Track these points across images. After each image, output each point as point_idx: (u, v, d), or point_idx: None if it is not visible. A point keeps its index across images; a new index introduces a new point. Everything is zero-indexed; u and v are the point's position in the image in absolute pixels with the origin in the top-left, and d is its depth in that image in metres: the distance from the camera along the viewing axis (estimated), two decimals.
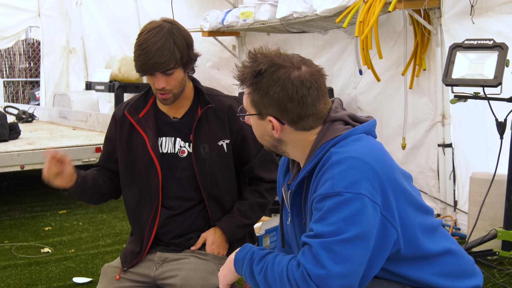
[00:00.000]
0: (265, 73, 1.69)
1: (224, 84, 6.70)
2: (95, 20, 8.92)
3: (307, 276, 1.56)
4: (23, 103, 11.49)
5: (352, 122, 1.76)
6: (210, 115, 2.41)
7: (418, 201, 1.75)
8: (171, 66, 2.24)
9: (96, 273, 3.80)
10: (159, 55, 2.21)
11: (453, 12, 4.21)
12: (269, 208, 4.86)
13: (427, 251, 1.73)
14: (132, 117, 2.42)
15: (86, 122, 6.60)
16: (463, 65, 3.38)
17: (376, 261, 1.63)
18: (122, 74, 7.88)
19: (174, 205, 2.42)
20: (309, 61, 1.75)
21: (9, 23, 8.98)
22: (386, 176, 1.65)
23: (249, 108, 1.77)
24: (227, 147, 2.42)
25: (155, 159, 2.38)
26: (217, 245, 2.41)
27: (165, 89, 2.30)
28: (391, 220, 1.64)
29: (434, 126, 4.59)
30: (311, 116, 1.72)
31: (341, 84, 5.45)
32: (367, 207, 1.58)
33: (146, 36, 2.24)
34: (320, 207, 1.61)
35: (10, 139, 5.54)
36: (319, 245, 1.56)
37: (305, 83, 1.68)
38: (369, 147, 1.68)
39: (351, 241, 1.55)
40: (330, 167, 1.63)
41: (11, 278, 3.79)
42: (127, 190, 2.49)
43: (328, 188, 1.60)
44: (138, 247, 2.45)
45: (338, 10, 4.50)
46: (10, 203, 5.77)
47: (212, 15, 5.92)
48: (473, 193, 3.86)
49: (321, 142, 1.71)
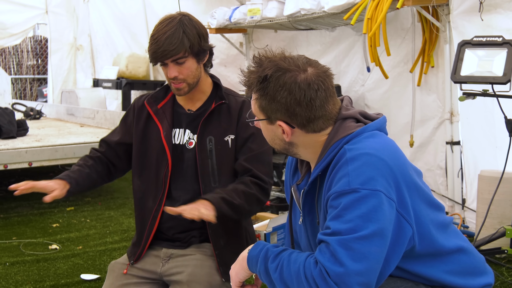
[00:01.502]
0: (271, 78, 1.69)
1: (231, 81, 6.69)
2: (103, 17, 8.94)
3: (326, 274, 1.54)
4: (31, 100, 11.53)
5: (363, 119, 1.75)
6: (223, 111, 2.43)
7: (430, 198, 1.75)
8: (180, 54, 2.30)
9: (103, 270, 3.81)
10: (168, 44, 2.28)
11: (461, 9, 4.19)
12: (276, 206, 4.88)
13: (440, 248, 1.72)
14: (150, 107, 2.48)
15: (93, 119, 6.62)
16: (471, 62, 3.36)
17: (392, 258, 1.62)
18: (129, 71, 7.90)
19: (177, 197, 2.42)
20: (315, 62, 1.73)
21: (17, 20, 9.01)
22: (400, 172, 1.64)
23: (258, 113, 1.77)
24: (231, 142, 2.42)
25: (167, 149, 2.41)
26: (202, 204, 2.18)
27: (178, 78, 2.35)
28: (407, 217, 1.63)
29: (442, 124, 4.57)
30: (320, 118, 1.71)
31: (349, 82, 5.43)
32: (383, 204, 1.57)
33: (158, 27, 2.33)
34: (336, 205, 1.60)
35: (18, 136, 5.57)
36: (337, 242, 1.55)
37: (312, 85, 1.67)
38: (383, 143, 1.67)
39: (369, 238, 1.54)
40: (345, 164, 1.61)
41: (19, 274, 3.80)
42: (137, 178, 2.51)
43: (344, 185, 1.59)
44: (139, 237, 2.47)
45: (346, 7, 4.49)
46: (18, 200, 5.79)
47: (219, 12, 5.92)
48: (482, 191, 3.84)
49: (334, 140, 1.70)
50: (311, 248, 1.85)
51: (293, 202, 1.91)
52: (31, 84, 12.26)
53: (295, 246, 1.98)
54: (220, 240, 2.40)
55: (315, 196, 1.77)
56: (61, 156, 5.17)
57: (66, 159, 5.24)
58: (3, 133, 5.43)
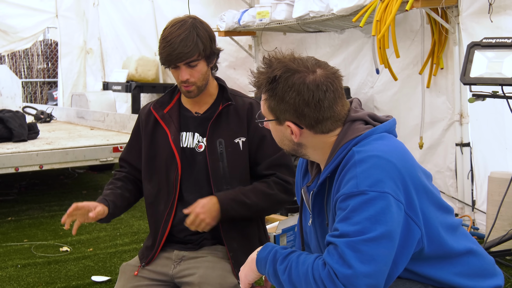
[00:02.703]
0: (280, 79, 1.70)
1: (240, 84, 6.71)
2: (112, 21, 8.98)
3: (334, 276, 1.55)
4: (41, 103, 11.60)
5: (372, 121, 1.75)
6: (230, 113, 2.44)
7: (439, 200, 1.74)
8: (194, 57, 2.32)
9: (114, 272, 3.83)
10: (183, 46, 2.29)
11: (471, 11, 4.18)
12: (286, 208, 4.88)
13: (450, 250, 1.72)
14: (157, 112, 2.49)
15: (103, 122, 6.65)
16: (481, 63, 3.35)
17: (400, 261, 1.63)
18: (139, 74, 7.93)
19: (189, 200, 2.43)
20: (324, 63, 1.74)
21: (27, 24, 9.07)
22: (409, 174, 1.64)
23: (267, 114, 1.78)
24: (243, 145, 2.43)
25: (176, 153, 2.42)
26: (206, 209, 2.31)
27: (189, 81, 2.36)
28: (415, 219, 1.63)
29: (451, 125, 4.56)
30: (329, 119, 1.71)
31: (358, 84, 5.43)
32: (391, 206, 1.57)
33: (171, 30, 2.33)
34: (345, 207, 1.60)
35: (29, 139, 5.60)
36: (345, 244, 1.55)
37: (320, 86, 1.68)
38: (392, 146, 1.68)
39: (377, 240, 1.55)
40: (353, 166, 1.62)
41: (30, 276, 3.83)
42: (147, 183, 2.52)
43: (352, 187, 1.60)
44: (153, 241, 2.48)
45: (355, 9, 4.49)
46: (29, 202, 5.83)
47: (229, 15, 5.94)
48: (492, 192, 3.83)
49: (342, 142, 1.70)
50: (321, 250, 1.86)
51: (303, 203, 1.92)
52: (41, 87, 12.34)
53: (305, 248, 1.99)
54: (233, 243, 2.41)
55: (324, 198, 1.78)
56: (72, 159, 5.21)
57: (77, 161, 5.28)
58: (15, 136, 5.47)
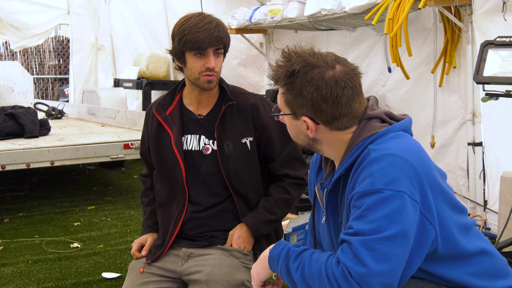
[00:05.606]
0: (298, 73, 1.68)
1: (251, 82, 6.70)
2: (123, 18, 9.00)
3: (348, 274, 1.54)
4: (53, 99, 11.67)
5: (388, 120, 1.74)
6: (234, 112, 2.43)
7: (454, 200, 1.73)
8: (226, 44, 2.35)
9: (124, 269, 3.84)
10: (219, 31, 2.30)
11: (484, 9, 4.14)
12: (296, 206, 4.87)
13: (463, 250, 1.71)
14: (159, 115, 2.48)
15: (114, 119, 6.67)
16: (495, 62, 3.32)
17: (414, 260, 1.62)
18: (150, 72, 7.94)
19: (200, 201, 2.45)
20: (344, 59, 1.73)
21: (39, 21, 9.11)
22: (425, 174, 1.63)
23: (283, 108, 1.76)
24: (250, 144, 2.43)
25: (178, 156, 2.43)
26: (243, 240, 2.43)
27: (215, 70, 2.35)
28: (430, 219, 1.62)
29: (464, 125, 4.53)
30: (346, 116, 1.70)
31: (370, 82, 5.41)
32: (407, 205, 1.56)
33: (197, 20, 2.31)
34: (360, 205, 1.59)
35: (41, 135, 5.63)
36: (360, 243, 1.54)
37: (339, 82, 1.67)
38: (408, 144, 1.66)
39: (392, 239, 1.54)
40: (369, 164, 1.61)
41: (41, 272, 3.85)
42: (159, 184, 2.54)
43: (368, 185, 1.58)
44: (162, 240, 2.49)
45: (367, 7, 4.47)
46: (40, 198, 5.86)
47: (240, 13, 5.93)
48: (504, 192, 3.80)
49: (358, 139, 1.69)
50: (334, 248, 1.85)
51: (317, 201, 1.90)
52: (52, 84, 12.40)
53: (317, 246, 1.98)
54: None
55: (339, 195, 1.77)
56: (83, 155, 5.22)
57: (88, 158, 5.29)
58: (26, 132, 5.50)
